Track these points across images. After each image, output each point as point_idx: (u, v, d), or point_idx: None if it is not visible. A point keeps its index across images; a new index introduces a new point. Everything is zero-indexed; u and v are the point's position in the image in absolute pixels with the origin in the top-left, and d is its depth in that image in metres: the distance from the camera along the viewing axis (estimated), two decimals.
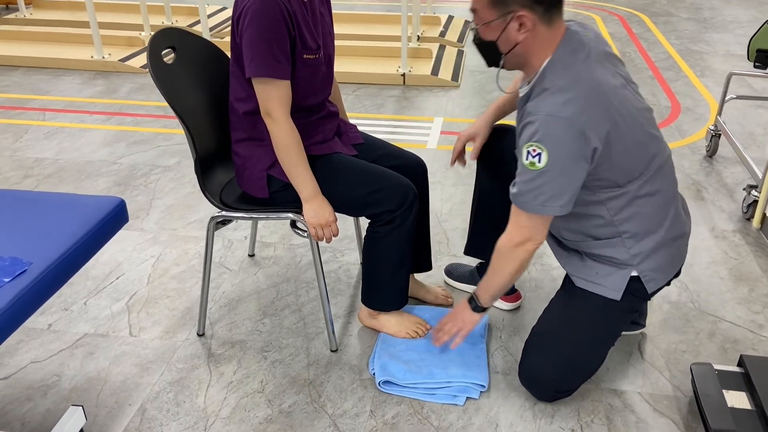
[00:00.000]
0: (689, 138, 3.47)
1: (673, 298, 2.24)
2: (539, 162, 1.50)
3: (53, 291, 1.46)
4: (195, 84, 1.91)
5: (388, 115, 3.79)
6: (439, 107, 3.91)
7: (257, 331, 2.08)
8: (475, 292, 1.77)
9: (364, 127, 3.59)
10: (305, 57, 1.75)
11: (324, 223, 1.80)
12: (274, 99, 1.72)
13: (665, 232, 1.68)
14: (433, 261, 2.35)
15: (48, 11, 5.71)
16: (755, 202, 2.67)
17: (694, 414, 1.78)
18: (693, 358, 1.98)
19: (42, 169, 3.12)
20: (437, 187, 2.96)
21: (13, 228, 1.57)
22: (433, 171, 3.11)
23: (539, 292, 2.25)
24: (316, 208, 1.80)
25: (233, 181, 2.01)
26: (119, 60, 4.51)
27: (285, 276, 2.35)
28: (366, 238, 1.91)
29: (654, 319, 2.13)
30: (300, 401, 1.82)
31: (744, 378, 1.76)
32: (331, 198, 1.83)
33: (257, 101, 1.76)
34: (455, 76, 4.32)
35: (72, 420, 1.59)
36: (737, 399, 1.70)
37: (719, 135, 3.19)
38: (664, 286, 1.75)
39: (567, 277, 1.81)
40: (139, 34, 4.92)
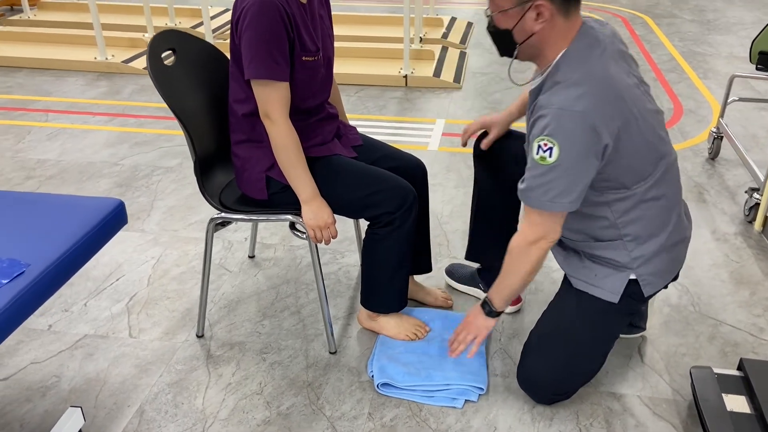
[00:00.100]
0: (691, 140, 3.46)
1: (674, 301, 2.23)
2: (550, 157, 1.48)
3: (51, 292, 1.47)
4: (195, 86, 1.91)
5: (390, 117, 3.79)
6: (441, 109, 3.90)
7: (256, 333, 2.08)
8: (488, 296, 1.73)
9: (366, 129, 3.59)
10: (304, 59, 1.75)
11: (323, 225, 1.80)
12: (272, 101, 1.72)
13: (667, 237, 1.68)
14: (433, 263, 2.35)
15: (52, 13, 5.73)
16: (757, 204, 2.66)
17: (693, 418, 1.78)
18: (693, 361, 1.97)
19: (44, 171, 3.13)
20: (438, 189, 2.96)
21: (12, 229, 1.57)
22: (435, 173, 3.11)
23: (539, 295, 2.24)
24: (314, 209, 1.80)
25: (233, 183, 2.01)
26: (122, 61, 4.53)
27: (285, 277, 2.35)
28: (365, 240, 1.91)
29: (654, 322, 2.12)
30: (298, 403, 1.82)
31: (744, 382, 1.75)
32: (330, 200, 1.83)
33: (256, 103, 1.77)
34: (457, 77, 4.32)
35: (71, 421, 1.59)
36: (737, 403, 1.69)
37: (721, 137, 3.18)
38: (661, 289, 1.74)
39: (565, 279, 1.80)
40: (143, 35, 4.93)
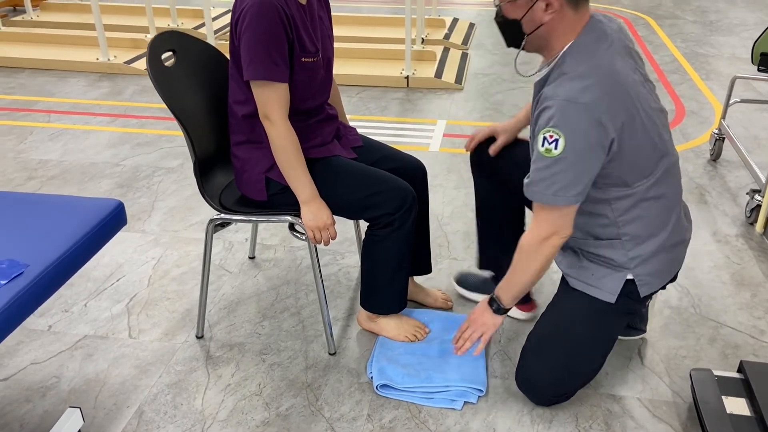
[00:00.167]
0: (693, 142, 3.45)
1: (674, 303, 2.22)
2: (556, 149, 1.48)
3: (50, 293, 1.47)
4: (194, 87, 1.91)
5: (391, 118, 3.79)
6: (443, 110, 3.90)
7: (256, 334, 2.08)
8: (496, 293, 1.72)
9: (367, 130, 3.59)
10: (303, 60, 1.75)
11: (322, 226, 1.80)
12: (272, 102, 1.72)
13: (665, 237, 1.68)
14: (433, 264, 2.35)
15: (54, 13, 5.74)
16: (758, 206, 2.65)
17: (693, 420, 1.77)
18: (693, 363, 1.97)
19: (46, 171, 3.14)
20: (439, 190, 2.96)
21: (11, 230, 1.57)
22: (435, 174, 3.11)
23: (539, 296, 2.24)
24: (314, 210, 1.80)
25: (233, 184, 2.01)
26: (124, 62, 4.53)
27: (285, 278, 2.35)
28: (365, 241, 1.91)
29: (655, 324, 2.11)
30: (297, 404, 1.82)
31: (744, 384, 1.75)
32: (330, 201, 1.83)
33: (256, 104, 1.77)
34: (459, 78, 4.32)
35: (70, 421, 1.59)
36: (736, 405, 1.69)
37: (723, 139, 3.17)
38: (659, 290, 1.74)
39: (563, 280, 1.80)
40: (145, 36, 4.94)
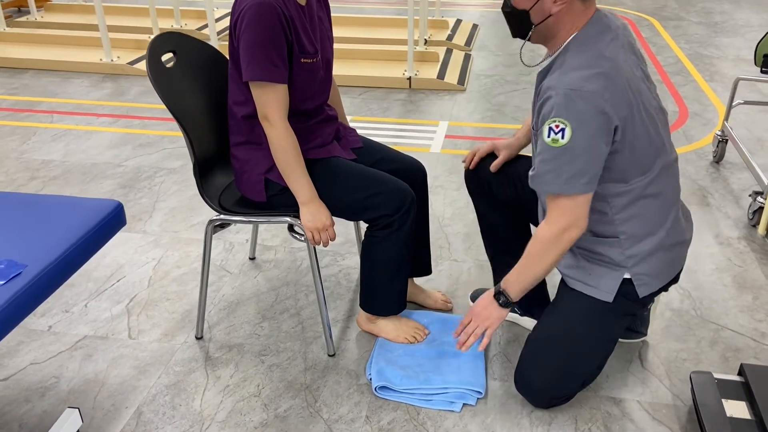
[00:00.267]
0: (696, 143, 3.44)
1: (676, 305, 2.22)
2: (562, 138, 1.48)
3: (49, 293, 1.47)
4: (194, 88, 1.91)
5: (393, 119, 3.79)
6: (445, 111, 3.90)
7: (255, 335, 2.08)
8: (502, 286, 1.67)
9: (369, 131, 3.59)
10: (303, 61, 1.75)
11: (321, 227, 1.80)
12: (271, 103, 1.72)
13: (663, 236, 1.67)
14: (434, 265, 2.34)
15: (59, 14, 5.76)
16: (761, 208, 2.64)
17: (693, 423, 1.76)
18: (694, 366, 1.96)
19: (48, 171, 3.14)
20: (440, 191, 2.95)
21: (10, 230, 1.58)
22: (437, 175, 3.10)
23: None
24: (313, 211, 1.79)
25: (233, 185, 2.01)
26: (128, 63, 4.55)
27: (285, 279, 2.35)
28: (364, 242, 1.90)
29: (655, 327, 2.11)
30: (296, 406, 1.81)
31: (744, 387, 1.74)
32: (329, 202, 1.83)
33: (255, 105, 1.77)
34: (461, 80, 4.31)
35: (68, 422, 1.59)
36: (736, 408, 1.68)
37: (726, 140, 3.16)
38: (659, 291, 1.73)
39: (562, 282, 1.79)
40: (148, 37, 4.95)
